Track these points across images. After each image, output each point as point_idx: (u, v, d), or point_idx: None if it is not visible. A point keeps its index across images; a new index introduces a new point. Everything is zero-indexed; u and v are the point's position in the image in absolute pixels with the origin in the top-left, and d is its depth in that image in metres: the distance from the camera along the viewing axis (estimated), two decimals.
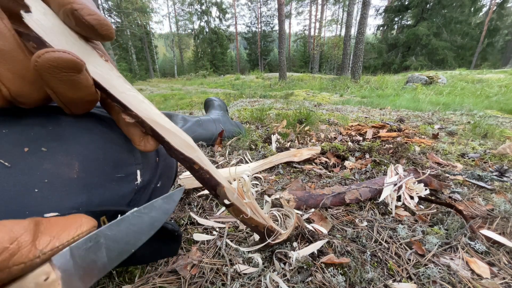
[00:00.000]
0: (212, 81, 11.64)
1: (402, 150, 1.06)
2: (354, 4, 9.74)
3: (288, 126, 1.51)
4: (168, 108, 3.77)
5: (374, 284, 0.44)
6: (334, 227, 0.60)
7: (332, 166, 1.00)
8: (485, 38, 17.78)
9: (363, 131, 1.47)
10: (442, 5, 14.80)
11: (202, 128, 1.23)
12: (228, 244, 0.53)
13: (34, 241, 0.18)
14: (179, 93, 6.92)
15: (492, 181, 0.84)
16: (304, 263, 0.47)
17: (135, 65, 19.75)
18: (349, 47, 9.25)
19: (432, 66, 13.74)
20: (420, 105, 3.06)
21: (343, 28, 23.69)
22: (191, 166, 0.32)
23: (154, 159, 0.42)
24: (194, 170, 0.32)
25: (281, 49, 8.91)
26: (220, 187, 0.34)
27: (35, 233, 0.19)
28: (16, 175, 0.26)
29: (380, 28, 19.09)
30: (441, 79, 6.12)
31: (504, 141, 1.34)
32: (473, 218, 0.63)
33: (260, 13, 27.82)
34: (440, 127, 1.65)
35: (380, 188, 0.71)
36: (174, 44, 24.87)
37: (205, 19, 24.58)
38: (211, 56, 23.78)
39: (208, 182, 0.34)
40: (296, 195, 0.68)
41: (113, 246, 0.23)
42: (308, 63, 25.13)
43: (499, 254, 0.52)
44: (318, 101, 3.78)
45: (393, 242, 0.55)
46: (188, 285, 0.45)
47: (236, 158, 1.05)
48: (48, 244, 0.19)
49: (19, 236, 0.18)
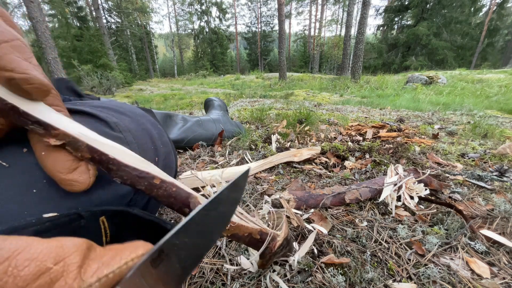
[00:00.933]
0: (212, 81, 11.64)
1: (402, 150, 1.06)
2: (354, 4, 9.74)
3: (288, 126, 1.51)
4: (168, 108, 3.77)
5: (374, 284, 0.44)
6: (334, 227, 0.60)
7: (332, 166, 1.00)
8: (485, 38, 17.78)
9: (363, 131, 1.47)
10: (442, 5, 14.80)
11: (202, 128, 1.23)
12: (228, 244, 0.53)
13: (81, 267, 0.15)
14: (179, 93, 6.92)
15: (492, 181, 0.83)
16: (306, 265, 0.46)
17: (135, 65, 19.75)
18: (349, 47, 9.24)
19: (432, 66, 13.74)
20: (420, 105, 3.06)
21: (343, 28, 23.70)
22: (150, 183, 0.26)
23: (153, 159, 0.42)
24: (156, 187, 0.26)
25: (281, 49, 8.91)
26: (192, 197, 0.28)
27: (84, 257, 0.16)
28: (14, 175, 0.26)
29: (380, 28, 19.09)
30: (441, 79, 6.12)
31: (504, 141, 1.34)
32: (473, 218, 0.63)
33: (260, 13, 27.82)
34: (440, 127, 1.65)
35: (380, 188, 0.71)
36: (174, 44, 24.87)
37: (205, 19, 24.59)
38: (211, 56, 23.79)
39: (177, 196, 0.27)
40: (296, 195, 0.68)
41: (184, 254, 0.20)
42: (308, 63, 25.12)
43: (499, 254, 0.52)
44: (318, 101, 3.78)
45: (393, 242, 0.55)
46: (188, 285, 0.45)
47: (236, 158, 1.05)
48: (95, 273, 0.15)
49: (67, 256, 0.14)
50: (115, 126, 0.37)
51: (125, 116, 0.43)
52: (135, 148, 0.38)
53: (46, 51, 6.17)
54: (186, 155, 1.11)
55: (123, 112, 0.44)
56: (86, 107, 0.39)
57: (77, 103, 0.42)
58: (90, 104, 0.42)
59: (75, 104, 0.41)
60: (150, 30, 22.83)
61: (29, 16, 5.83)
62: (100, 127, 0.36)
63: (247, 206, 0.70)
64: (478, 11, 17.18)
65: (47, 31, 6.07)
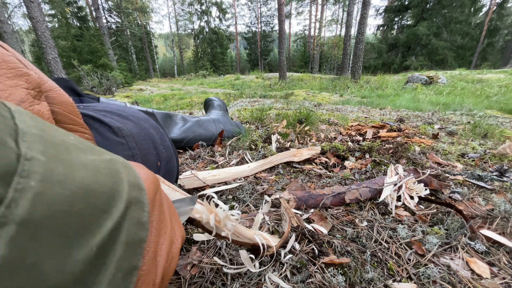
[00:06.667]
0: (212, 81, 11.63)
1: (402, 150, 1.06)
2: (354, 4, 9.73)
3: (288, 126, 1.51)
4: (168, 108, 3.76)
5: (374, 284, 0.44)
6: (334, 227, 0.60)
7: (332, 166, 1.00)
8: (485, 38, 17.76)
9: (363, 131, 1.47)
10: (442, 5, 14.78)
11: (202, 128, 1.23)
12: (228, 244, 0.53)
13: None
14: (179, 93, 6.91)
15: (492, 181, 0.83)
16: (298, 262, 0.46)
17: (135, 65, 19.73)
18: (349, 47, 9.23)
19: (432, 66, 13.73)
20: (420, 105, 3.05)
21: (343, 28, 23.68)
22: None
23: (155, 164, 0.42)
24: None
25: (281, 49, 8.91)
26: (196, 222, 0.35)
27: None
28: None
29: (380, 28, 19.08)
30: (441, 79, 6.12)
31: (504, 141, 1.34)
32: (473, 218, 0.63)
33: (260, 13, 27.81)
34: (440, 127, 1.65)
35: (380, 188, 0.71)
36: (174, 44, 24.87)
37: (205, 19, 24.57)
38: (211, 56, 23.77)
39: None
40: (296, 195, 0.68)
41: None
42: (308, 63, 25.10)
43: (499, 254, 0.52)
44: (318, 101, 3.78)
45: (393, 242, 0.55)
46: (188, 285, 0.45)
47: (236, 158, 1.05)
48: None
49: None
50: (118, 131, 0.38)
51: (128, 121, 0.43)
52: (137, 153, 0.39)
53: (46, 51, 6.16)
54: (186, 155, 1.11)
55: (126, 116, 0.44)
56: (90, 110, 0.39)
57: (80, 106, 0.43)
58: (93, 107, 0.43)
59: (79, 107, 0.42)
60: (150, 30, 22.82)
61: (29, 16, 5.82)
62: (105, 132, 0.37)
63: (247, 206, 0.70)
64: (478, 11, 17.17)
65: (47, 31, 6.06)
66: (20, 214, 0.10)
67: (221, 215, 0.36)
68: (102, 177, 0.14)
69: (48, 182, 0.11)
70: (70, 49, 12.59)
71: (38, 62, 13.03)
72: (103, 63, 11.36)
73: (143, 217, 0.16)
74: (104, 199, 0.14)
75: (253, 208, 0.69)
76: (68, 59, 11.12)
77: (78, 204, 0.12)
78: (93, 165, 0.14)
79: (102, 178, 0.14)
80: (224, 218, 0.36)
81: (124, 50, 19.51)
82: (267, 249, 0.44)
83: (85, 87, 7.42)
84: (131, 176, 0.17)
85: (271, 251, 0.44)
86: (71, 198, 0.12)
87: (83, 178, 0.13)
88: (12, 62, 0.23)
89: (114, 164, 0.16)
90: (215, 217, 0.36)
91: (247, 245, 0.42)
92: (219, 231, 0.37)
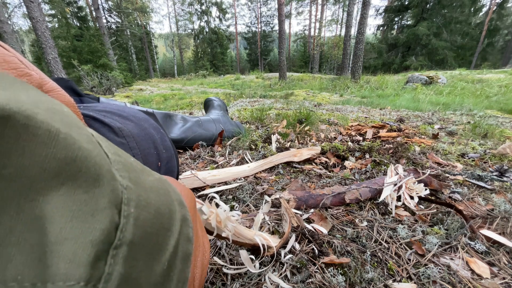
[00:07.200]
0: (212, 81, 11.63)
1: (402, 150, 1.06)
2: (354, 4, 9.73)
3: (288, 126, 1.51)
4: (168, 108, 3.76)
5: (374, 284, 0.44)
6: (334, 227, 0.60)
7: (332, 166, 1.00)
8: (485, 38, 17.76)
9: (363, 131, 1.47)
10: (442, 5, 14.78)
11: (202, 128, 1.23)
12: (228, 244, 0.53)
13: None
14: (179, 93, 6.91)
15: (492, 181, 0.83)
16: (298, 262, 0.46)
17: (135, 65, 19.72)
18: (349, 47, 9.23)
19: (432, 66, 13.72)
20: (420, 105, 3.05)
21: (343, 28, 23.67)
22: None
23: (156, 164, 0.43)
24: None
25: (281, 49, 8.91)
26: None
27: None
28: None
29: (380, 28, 19.08)
30: (441, 79, 6.12)
31: (504, 141, 1.34)
32: (473, 218, 0.63)
33: (260, 13, 27.80)
34: (440, 127, 1.65)
35: (380, 188, 0.71)
36: (174, 44, 24.87)
37: (205, 19, 24.56)
38: (211, 56, 23.76)
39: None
40: (296, 195, 0.68)
41: None
42: (308, 63, 25.09)
43: (499, 254, 0.52)
44: (318, 101, 3.78)
45: (393, 242, 0.55)
46: None
47: (236, 158, 1.05)
48: None
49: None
50: (119, 131, 0.38)
51: (128, 121, 0.44)
52: (137, 153, 0.39)
53: (46, 51, 6.16)
54: (186, 155, 1.11)
55: (126, 116, 0.44)
56: (90, 111, 0.40)
57: (81, 107, 0.43)
58: (94, 108, 0.43)
59: (79, 107, 0.42)
60: (150, 30, 22.81)
61: (29, 16, 5.81)
62: (105, 133, 0.37)
63: (247, 206, 0.70)
64: (478, 11, 17.17)
65: (47, 31, 6.06)
66: (128, 237, 0.12)
67: (222, 216, 0.36)
68: (162, 198, 0.15)
69: (139, 208, 0.13)
70: (70, 49, 12.59)
71: (38, 62, 13.02)
72: (103, 63, 11.35)
73: (190, 232, 0.18)
74: (167, 219, 0.15)
75: (253, 208, 0.69)
76: (68, 59, 11.11)
77: (155, 225, 0.14)
78: (155, 187, 0.15)
79: (162, 199, 0.15)
80: (225, 219, 0.37)
81: (124, 50, 19.50)
82: (268, 250, 0.44)
83: (85, 87, 7.42)
84: (176, 194, 0.18)
85: (272, 251, 0.44)
86: (152, 220, 0.14)
87: (154, 201, 0.14)
88: (14, 63, 0.23)
89: (163, 183, 0.17)
90: (216, 218, 0.36)
91: (248, 245, 0.42)
92: (220, 231, 0.37)
